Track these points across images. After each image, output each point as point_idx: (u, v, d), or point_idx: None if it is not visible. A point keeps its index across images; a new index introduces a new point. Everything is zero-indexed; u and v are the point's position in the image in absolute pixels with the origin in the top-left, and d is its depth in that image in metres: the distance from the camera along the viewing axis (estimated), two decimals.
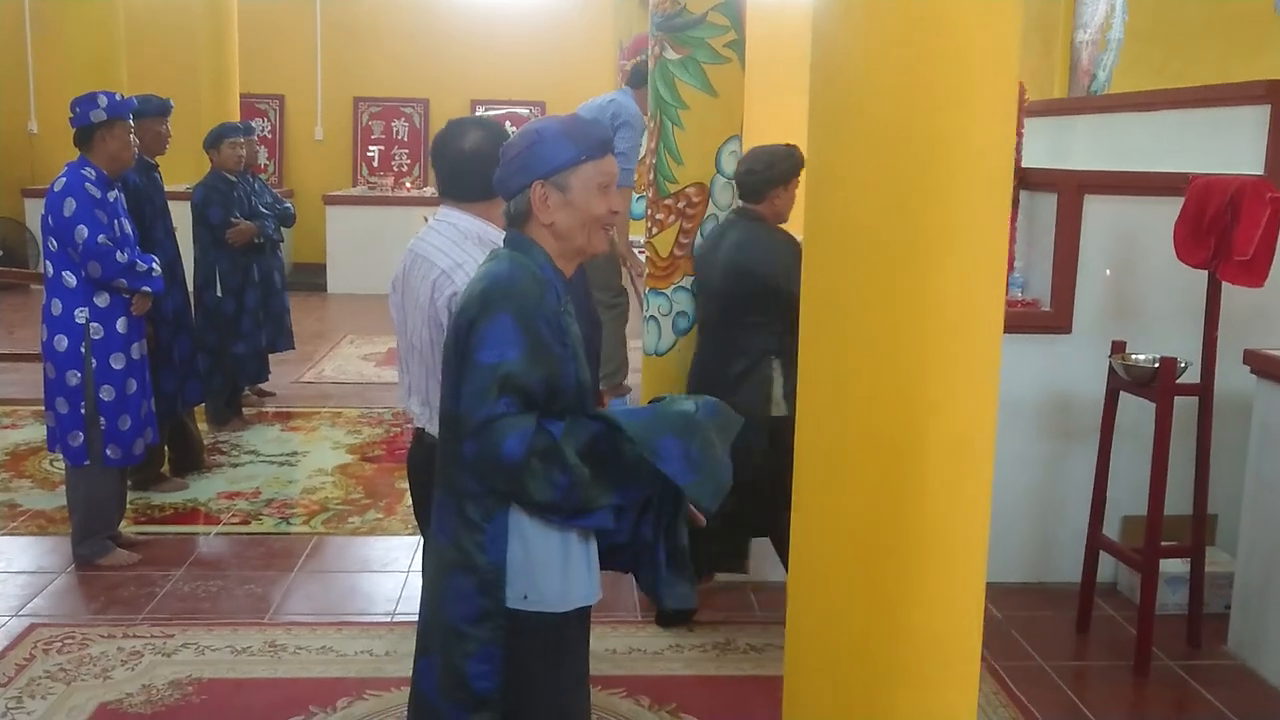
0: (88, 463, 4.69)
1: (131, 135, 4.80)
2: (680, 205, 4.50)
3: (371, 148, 12.97)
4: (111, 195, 4.73)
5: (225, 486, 5.87)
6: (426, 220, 10.51)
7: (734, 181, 4.33)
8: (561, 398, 2.30)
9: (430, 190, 12.72)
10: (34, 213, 12.08)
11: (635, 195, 6.77)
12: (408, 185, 12.70)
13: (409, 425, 7.03)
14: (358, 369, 8.72)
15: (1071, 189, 4.56)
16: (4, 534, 5.16)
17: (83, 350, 4.60)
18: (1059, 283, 4.62)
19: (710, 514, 2.41)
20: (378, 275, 11.67)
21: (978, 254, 2.03)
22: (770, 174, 4.17)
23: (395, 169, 12.93)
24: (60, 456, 4.85)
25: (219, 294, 6.70)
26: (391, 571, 4.86)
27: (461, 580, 2.32)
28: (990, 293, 2.09)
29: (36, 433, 6.66)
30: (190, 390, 5.80)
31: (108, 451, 4.70)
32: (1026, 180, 4.78)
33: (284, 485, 5.92)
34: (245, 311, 6.82)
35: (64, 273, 4.60)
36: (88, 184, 4.60)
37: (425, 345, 2.95)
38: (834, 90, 2.13)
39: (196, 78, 10.35)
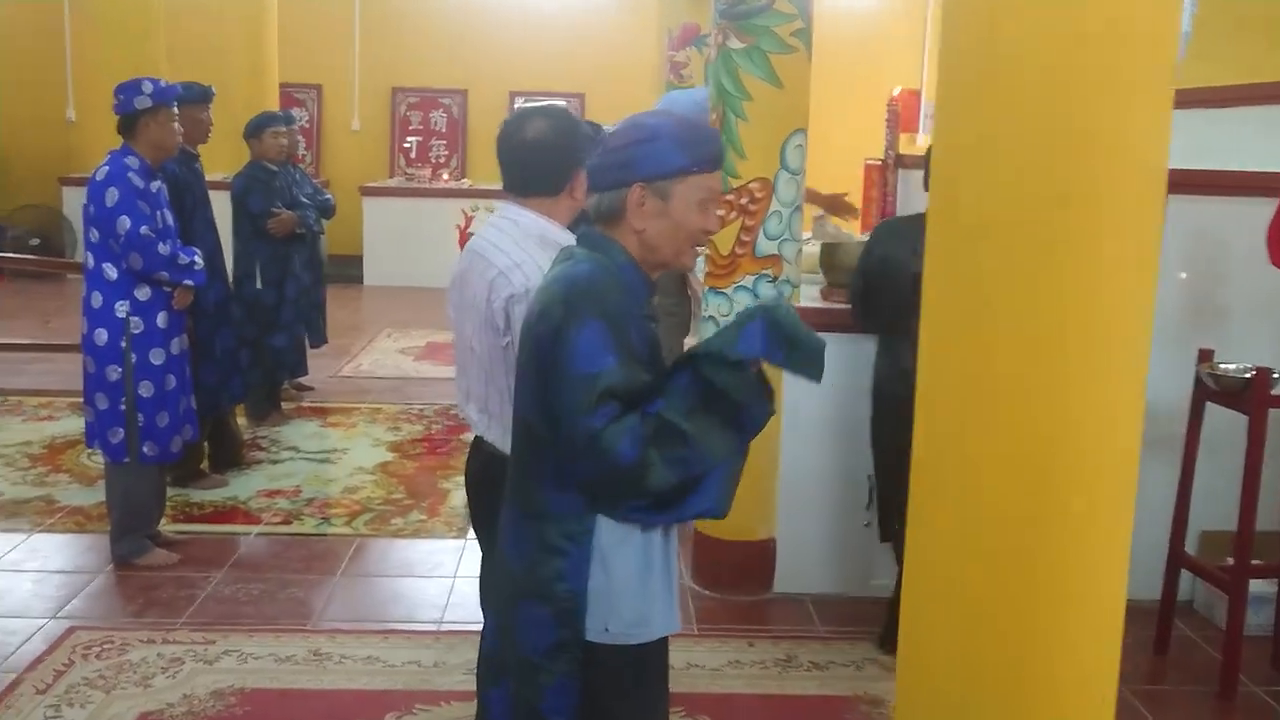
0: (127, 460, 4.56)
1: (176, 123, 4.66)
2: (743, 201, 4.32)
3: (409, 138, 12.83)
4: (155, 185, 4.59)
5: (265, 484, 5.74)
6: (465, 213, 10.33)
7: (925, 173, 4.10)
8: None
9: (468, 182, 12.58)
10: (72, 201, 12.03)
11: None
12: (445, 177, 12.56)
13: (450, 422, 6.94)
14: (396, 363, 8.59)
15: None
16: (41, 530, 5.04)
17: (123, 345, 4.46)
18: None
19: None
20: (415, 267, 11.75)
21: (1129, 253, 1.83)
22: None
23: (433, 160, 12.79)
24: (98, 452, 4.73)
25: (259, 285, 6.57)
26: (437, 577, 4.71)
27: (536, 609, 2.15)
28: (1140, 295, 1.89)
29: (73, 425, 6.56)
30: (233, 386, 5.67)
31: (144, 449, 4.57)
32: None
33: (324, 484, 5.78)
34: (285, 302, 6.69)
35: (104, 264, 4.46)
36: (131, 173, 4.46)
37: (483, 350, 2.78)
38: (970, 73, 1.93)
39: (235, 66, 10.23)
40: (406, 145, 12.81)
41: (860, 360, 4.16)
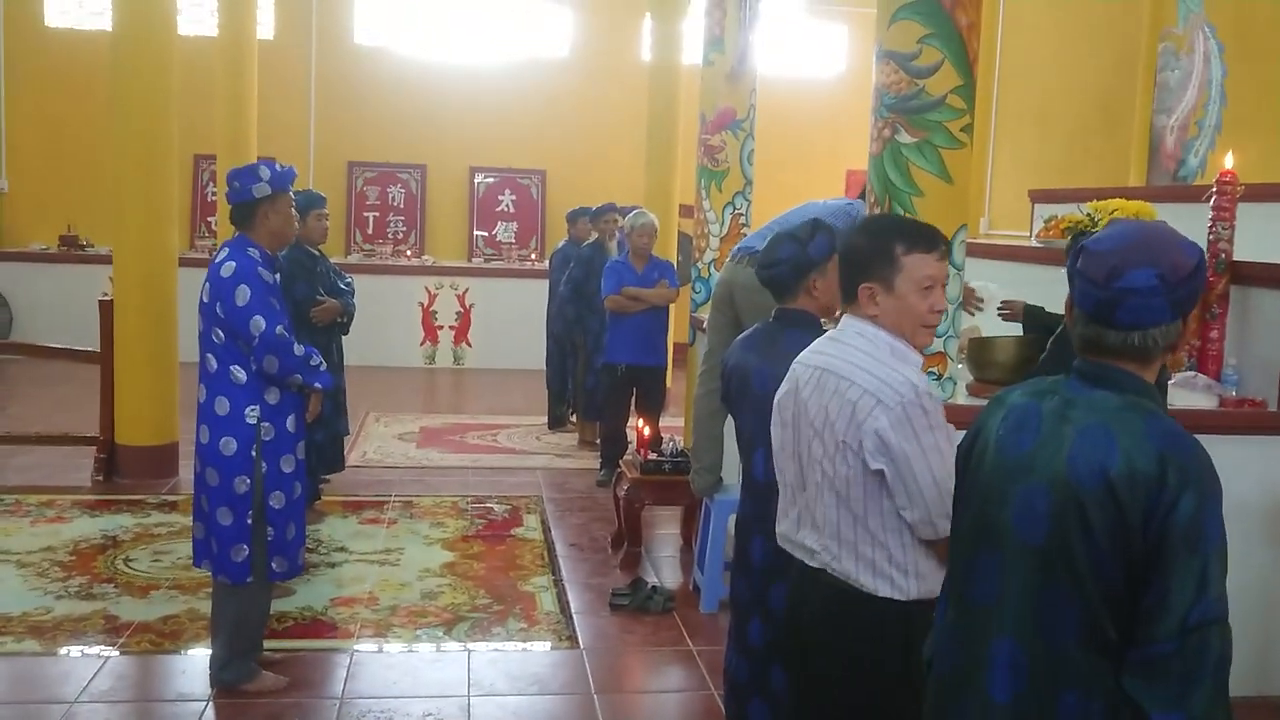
0: (250, 580, 4.16)
1: (293, 209, 4.37)
2: None
3: (366, 213, 12.44)
4: (275, 279, 4.26)
5: (335, 591, 5.34)
6: (429, 290, 10.28)
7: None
8: None
9: (430, 259, 12.26)
10: (8, 278, 11.31)
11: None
12: (408, 254, 12.20)
13: (493, 517, 6.60)
14: (401, 450, 8.23)
15: None
16: (117, 651, 4.57)
17: (253, 454, 4.09)
18: None
19: None
20: (377, 346, 11.35)
21: None
22: None
23: (391, 236, 12.43)
24: (206, 570, 4.30)
25: None
26: (572, 693, 4.41)
27: None
28: None
29: (89, 526, 6.10)
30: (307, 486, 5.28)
31: (273, 565, 4.18)
32: (1239, 274, 4.61)
33: (398, 589, 5.41)
34: (325, 396, 6.30)
35: (233, 367, 4.09)
36: (259, 268, 4.13)
37: (837, 474, 2.55)
38: None
39: (214, 141, 9.83)
40: (364, 219, 12.43)
41: None
